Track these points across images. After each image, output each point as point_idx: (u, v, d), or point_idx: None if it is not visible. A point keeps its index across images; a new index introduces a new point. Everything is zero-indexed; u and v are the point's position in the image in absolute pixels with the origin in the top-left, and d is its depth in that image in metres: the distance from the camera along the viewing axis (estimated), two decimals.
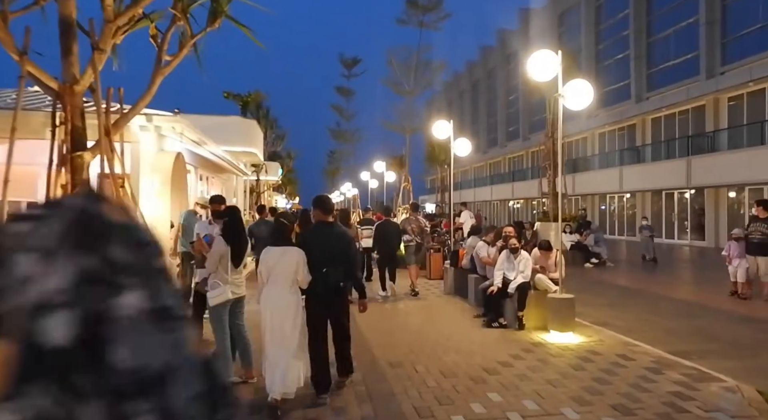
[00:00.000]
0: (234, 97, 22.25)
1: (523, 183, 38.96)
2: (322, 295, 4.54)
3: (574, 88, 6.34)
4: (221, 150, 12.62)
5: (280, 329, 4.29)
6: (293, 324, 4.33)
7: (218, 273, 4.98)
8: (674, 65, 25.07)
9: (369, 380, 5.03)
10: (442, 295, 10.14)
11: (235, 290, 5.08)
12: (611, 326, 7.16)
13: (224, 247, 4.98)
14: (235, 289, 5.07)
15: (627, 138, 28.31)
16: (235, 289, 5.08)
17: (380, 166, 21.45)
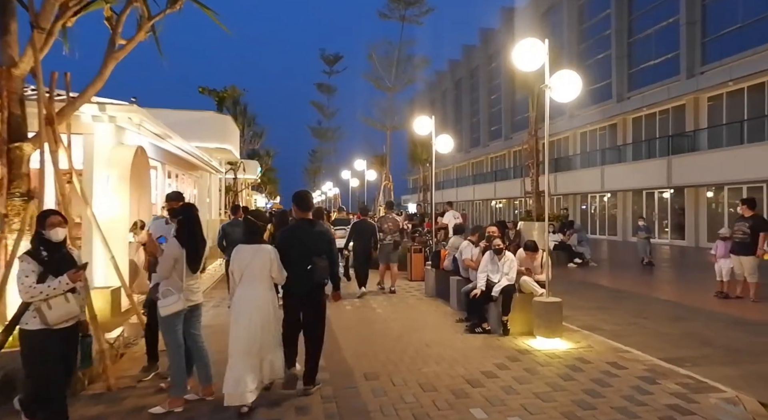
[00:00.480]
0: (209, 92, 21.52)
1: (505, 182, 38.93)
2: (301, 292, 4.55)
3: (561, 79, 5.95)
4: (192, 146, 11.99)
5: (256, 327, 4.26)
6: (269, 321, 4.35)
7: (171, 279, 4.45)
8: (655, 65, 25.10)
9: (341, 395, 4.55)
10: (423, 297, 9.71)
11: (191, 297, 4.55)
12: (600, 331, 6.80)
13: (178, 249, 4.45)
14: (190, 297, 4.54)
15: (608, 137, 28.32)
16: (191, 296, 4.55)
17: (361, 164, 20.99)
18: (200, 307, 4.74)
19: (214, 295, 10.31)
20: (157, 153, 10.55)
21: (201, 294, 4.75)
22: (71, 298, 3.66)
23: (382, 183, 15.01)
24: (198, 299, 4.67)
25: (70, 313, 3.65)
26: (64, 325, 3.62)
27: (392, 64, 15.36)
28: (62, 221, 3.78)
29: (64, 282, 3.57)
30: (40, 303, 3.52)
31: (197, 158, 12.35)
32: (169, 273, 4.45)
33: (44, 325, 3.53)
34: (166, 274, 4.46)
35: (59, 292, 3.57)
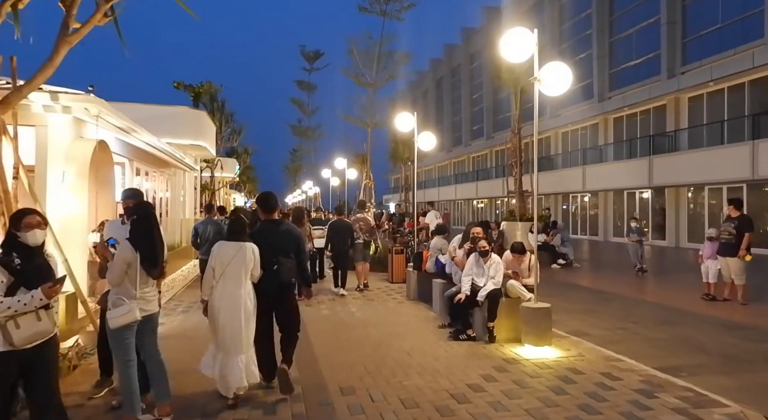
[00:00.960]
0: (185, 87, 20.78)
1: (487, 182, 38.84)
2: (270, 291, 4.56)
3: (551, 72, 5.61)
4: (162, 142, 11.39)
5: (239, 323, 4.28)
6: (250, 318, 4.37)
7: (123, 286, 3.97)
8: (636, 65, 25.18)
9: (314, 414, 4.12)
10: (405, 300, 9.32)
11: (145, 307, 4.06)
12: (589, 337, 6.49)
13: (131, 253, 3.96)
14: (144, 306, 4.05)
15: (590, 137, 28.36)
16: (145, 305, 4.06)
17: (341, 162, 20.52)
18: (156, 317, 4.26)
19: (184, 298, 9.76)
20: (123, 148, 9.96)
21: (157, 302, 4.26)
22: (44, 316, 3.13)
23: (363, 182, 14.56)
24: (153, 308, 4.18)
25: (40, 333, 3.13)
26: (30, 346, 3.10)
27: (373, 59, 14.94)
28: (41, 222, 3.27)
29: (37, 297, 3.04)
30: (5, 320, 2.99)
31: (168, 155, 11.75)
32: (121, 279, 3.97)
33: (8, 346, 3.01)
34: (116, 280, 3.98)
35: (30, 308, 3.05)
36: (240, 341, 4.29)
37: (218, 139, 24.05)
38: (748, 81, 18.50)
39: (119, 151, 9.68)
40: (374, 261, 13.88)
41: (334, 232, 10.12)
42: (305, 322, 7.52)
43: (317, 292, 10.39)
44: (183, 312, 8.53)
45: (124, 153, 10.02)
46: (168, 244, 13.86)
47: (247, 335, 4.36)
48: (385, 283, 11.51)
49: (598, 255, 19.23)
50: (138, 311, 3.95)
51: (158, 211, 13.53)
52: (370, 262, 13.41)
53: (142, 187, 11.79)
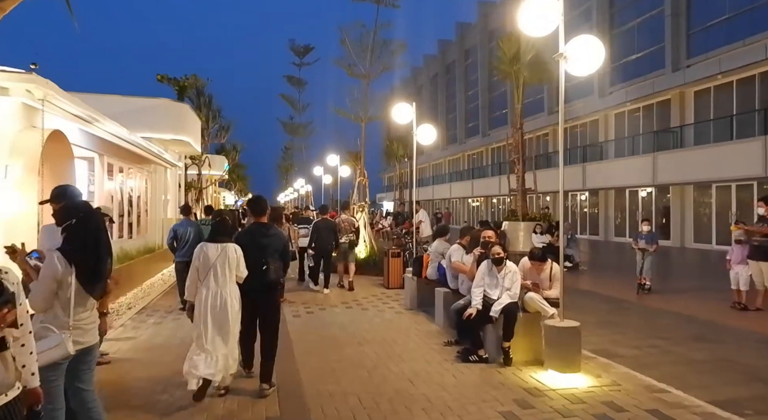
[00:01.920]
0: (169, 80, 19.72)
1: (482, 180, 37.98)
2: (255, 292, 4.66)
3: (580, 46, 4.71)
4: (138, 136, 10.40)
5: (221, 323, 4.36)
6: (233, 317, 4.43)
7: (52, 311, 3.03)
8: (638, 58, 24.40)
9: None
10: (403, 311, 8.42)
11: (81, 338, 3.11)
12: (619, 358, 5.62)
13: (63, 267, 3.02)
14: (80, 337, 3.11)
15: (590, 134, 27.60)
16: (81, 336, 3.11)
17: (334, 159, 19.58)
18: (95, 351, 3.32)
19: (159, 307, 8.82)
20: (90, 142, 8.98)
21: (96, 331, 3.32)
22: None
23: (357, 179, 13.64)
24: (91, 339, 3.23)
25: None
26: None
27: (367, 49, 13.97)
28: None
29: None
30: None
31: (143, 149, 10.77)
32: (48, 303, 3.02)
33: None
34: (41, 305, 3.02)
35: None
36: (222, 340, 4.35)
37: (205, 135, 23.03)
38: (759, 73, 17.75)
39: (85, 144, 8.72)
40: (368, 264, 13.00)
41: (318, 232, 10.14)
42: (291, 338, 6.65)
43: (306, 299, 9.51)
44: (155, 323, 7.59)
45: (91, 146, 9.04)
46: (147, 246, 12.93)
47: (231, 334, 4.42)
48: (381, 289, 10.62)
49: (602, 256, 18.45)
50: (71, 344, 3.02)
51: (136, 211, 12.52)
52: (363, 265, 12.64)
53: (116, 184, 10.80)
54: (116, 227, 10.50)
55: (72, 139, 7.68)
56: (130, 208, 11.97)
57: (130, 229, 11.85)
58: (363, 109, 14.39)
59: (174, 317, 7.99)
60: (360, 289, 10.64)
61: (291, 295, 10.32)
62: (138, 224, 12.65)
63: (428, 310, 8.02)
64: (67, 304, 3.04)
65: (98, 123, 7.66)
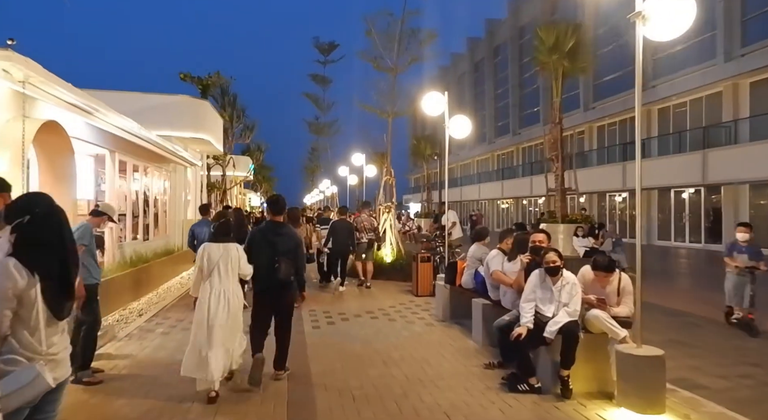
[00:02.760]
0: (192, 79, 19.34)
1: (513, 181, 36.56)
2: (269, 290, 4.78)
3: (665, 3, 3.73)
4: (152, 133, 9.81)
5: (224, 317, 4.40)
6: (236, 313, 4.50)
7: (15, 338, 2.25)
8: (685, 48, 22.83)
9: None
10: (434, 323, 7.53)
11: (56, 372, 2.32)
12: (703, 390, 4.60)
13: (22, 279, 2.23)
14: (55, 371, 2.30)
15: (629, 131, 26.11)
16: (55, 367, 2.32)
17: (359, 158, 18.82)
18: (64, 387, 2.50)
19: (171, 314, 8.17)
20: (99, 137, 8.40)
21: (68, 361, 2.50)
22: None
23: (383, 178, 12.81)
24: (63, 374, 2.40)
25: None
26: None
27: (394, 39, 13.13)
28: None
29: None
30: None
31: (158, 147, 10.18)
32: (4, 328, 2.24)
33: None
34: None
35: None
36: (220, 336, 4.37)
37: (229, 135, 22.62)
38: None
39: (93, 139, 8.14)
40: (395, 269, 12.15)
41: (335, 232, 10.26)
42: (308, 354, 5.86)
43: (327, 304, 8.72)
44: (163, 334, 6.91)
45: (100, 142, 8.47)
46: (166, 248, 12.40)
47: (230, 331, 4.47)
48: (409, 297, 9.75)
49: (649, 262, 17.04)
50: (49, 379, 2.23)
51: (154, 211, 11.98)
52: (390, 270, 11.89)
53: (129, 183, 10.24)
54: (129, 228, 9.93)
55: (75, 132, 7.09)
56: (146, 208, 11.43)
57: (146, 230, 11.29)
58: (390, 104, 13.55)
59: (184, 326, 7.31)
60: (386, 296, 9.81)
61: (311, 298, 9.60)
62: (156, 225, 12.11)
63: (463, 323, 7.12)
64: (36, 325, 2.25)
65: (101, 114, 7.04)
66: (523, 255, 5.30)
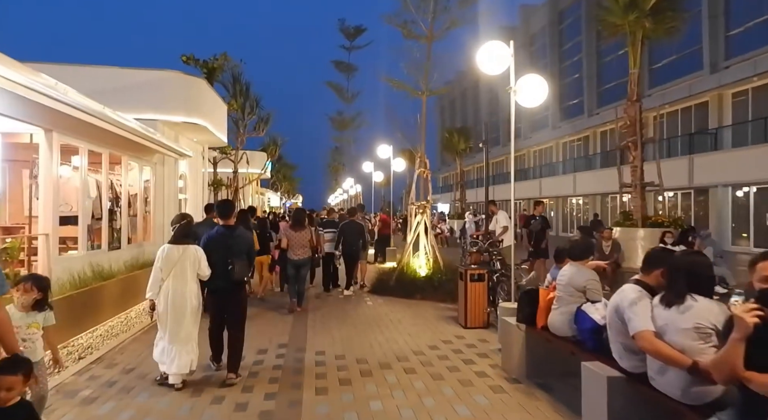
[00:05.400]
0: (195, 62, 17.05)
1: (590, 174, 28.79)
2: (222, 290, 5.01)
3: None
4: (103, 108, 7.37)
5: (183, 315, 4.67)
6: (194, 309, 4.76)
7: None
8: None
9: None
10: (505, 383, 4.85)
11: None
12: None
13: None
14: None
15: (695, 119, 22.75)
16: None
17: (386, 151, 16.18)
18: None
19: (119, 359, 5.73)
20: (24, 110, 5.97)
21: None
22: None
23: (416, 171, 10.16)
24: None
25: None
26: None
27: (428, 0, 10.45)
28: None
29: None
30: None
31: (123, 128, 7.72)
32: None
33: None
34: None
35: None
36: (180, 334, 4.65)
37: (240, 127, 20.29)
38: None
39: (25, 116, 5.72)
40: (431, 286, 9.52)
41: (344, 234, 9.99)
42: None
43: (341, 335, 6.13)
44: (85, 401, 4.43)
45: (22, 116, 6.03)
46: (143, 259, 9.99)
47: (189, 329, 4.72)
48: (455, 329, 7.11)
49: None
50: None
51: (129, 212, 9.57)
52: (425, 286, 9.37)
53: (82, 173, 7.82)
54: (83, 234, 7.52)
55: None
56: (116, 208, 9.03)
57: (114, 237, 8.88)
58: (423, 79, 10.87)
59: (126, 383, 4.86)
60: (424, 328, 7.21)
61: (319, 327, 7.13)
62: (132, 230, 9.71)
63: (552, 387, 4.48)
64: None
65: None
66: (740, 305, 2.56)
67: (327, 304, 9.21)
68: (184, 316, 4.65)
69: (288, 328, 7.28)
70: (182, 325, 4.64)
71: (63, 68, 9.42)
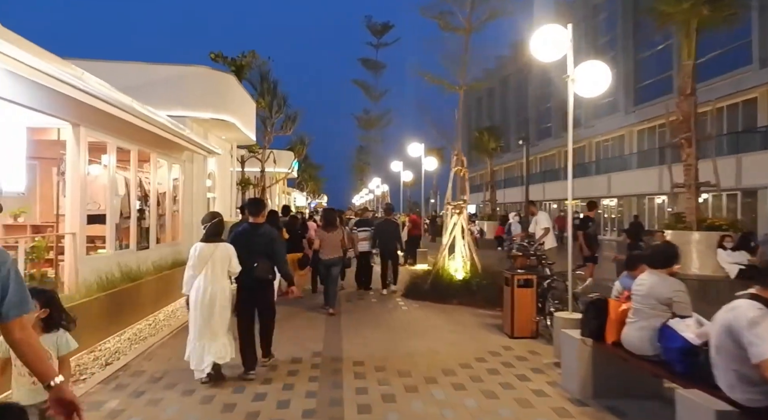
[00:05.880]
0: (223, 60, 16.89)
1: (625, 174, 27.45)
2: (250, 286, 5.16)
3: None
4: (127, 98, 7.07)
5: (212, 311, 4.78)
6: (223, 306, 4.84)
7: None
8: None
9: None
10: (568, 404, 4.31)
11: None
12: None
13: None
14: None
15: (742, 117, 21.56)
16: None
17: (416, 149, 15.69)
18: None
19: (145, 367, 5.42)
20: (52, 103, 5.70)
21: None
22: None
23: (452, 169, 9.64)
24: None
25: None
26: None
27: None
28: None
29: None
30: None
31: (153, 123, 7.43)
32: None
33: None
34: None
35: None
36: (209, 330, 4.75)
37: (267, 126, 20.10)
38: None
39: (35, 103, 5.44)
40: (469, 290, 9.00)
41: (380, 233, 10.03)
42: None
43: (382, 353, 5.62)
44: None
45: (51, 110, 5.75)
46: (173, 259, 9.75)
47: (219, 324, 4.82)
48: (500, 339, 6.59)
49: None
50: None
51: (158, 210, 9.33)
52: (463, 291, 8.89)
53: (110, 171, 7.56)
54: (110, 233, 7.24)
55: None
56: (145, 207, 8.78)
57: (143, 236, 8.63)
58: (461, 72, 10.35)
59: (151, 397, 4.51)
60: (467, 337, 6.72)
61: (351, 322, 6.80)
62: (161, 229, 9.46)
63: (623, 409, 3.94)
64: None
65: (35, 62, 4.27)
66: None
67: (359, 309, 8.79)
68: (212, 314, 4.77)
69: (321, 334, 6.87)
70: (211, 321, 4.76)
71: (89, 64, 9.18)
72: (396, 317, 8.08)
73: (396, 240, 10.23)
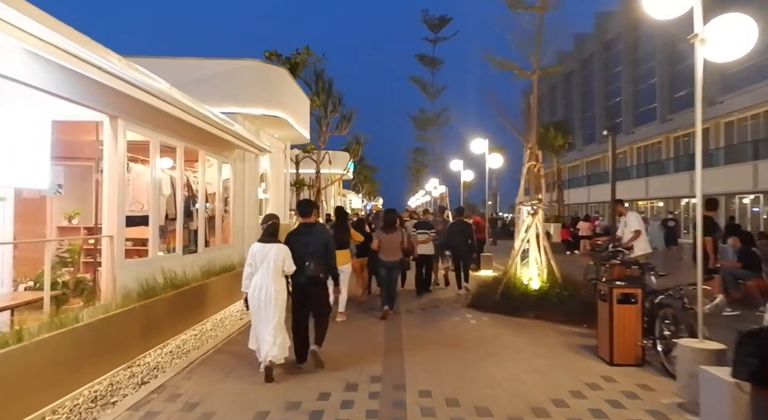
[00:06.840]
0: (278, 58, 16.48)
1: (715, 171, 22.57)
2: (303, 284, 5.26)
3: None
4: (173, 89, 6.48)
5: (267, 308, 4.98)
6: (278, 304, 5.03)
7: None
8: None
9: None
10: None
11: None
12: None
13: None
14: None
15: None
16: None
17: (480, 145, 14.53)
18: None
19: (183, 387, 4.71)
20: (87, 93, 5.16)
21: None
22: None
23: (526, 163, 8.50)
24: None
25: None
26: None
27: None
28: None
29: None
30: None
31: (200, 117, 6.83)
32: None
33: None
34: None
35: None
36: (266, 323, 4.96)
37: (323, 125, 19.56)
38: None
39: (70, 93, 4.90)
40: (548, 301, 7.83)
41: (453, 233, 10.09)
42: None
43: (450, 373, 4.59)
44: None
45: (86, 100, 5.21)
46: (223, 264, 9.19)
47: (275, 320, 4.98)
48: (595, 363, 5.46)
49: None
50: None
51: (207, 212, 8.80)
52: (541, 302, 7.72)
53: (153, 170, 7.01)
54: (153, 236, 6.69)
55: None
56: (193, 208, 8.26)
57: (191, 239, 8.10)
58: (535, 55, 9.18)
59: None
60: (553, 363, 5.60)
61: (413, 337, 5.78)
62: (210, 232, 8.93)
63: None
64: None
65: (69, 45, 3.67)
66: None
67: (421, 321, 7.85)
68: (268, 312, 4.95)
69: (380, 353, 5.97)
70: (267, 319, 4.95)
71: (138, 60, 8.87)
72: (464, 332, 7.09)
73: (470, 239, 10.26)
